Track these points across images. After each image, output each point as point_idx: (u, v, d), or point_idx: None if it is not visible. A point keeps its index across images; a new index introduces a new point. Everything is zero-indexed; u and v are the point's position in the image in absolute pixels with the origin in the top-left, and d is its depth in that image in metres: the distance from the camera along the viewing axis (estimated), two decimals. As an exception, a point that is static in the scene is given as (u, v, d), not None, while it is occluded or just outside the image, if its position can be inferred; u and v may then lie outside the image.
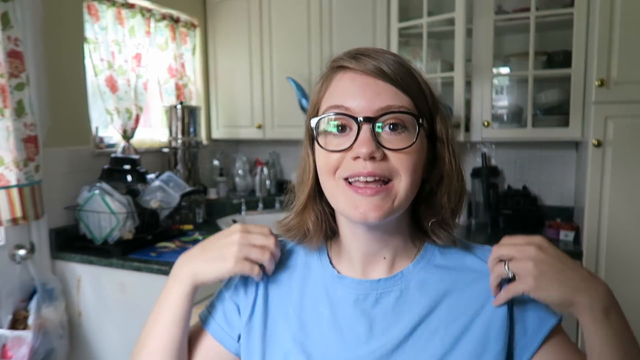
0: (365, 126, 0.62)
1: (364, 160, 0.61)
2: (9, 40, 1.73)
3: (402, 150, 0.62)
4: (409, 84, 0.64)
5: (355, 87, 0.64)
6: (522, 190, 2.43)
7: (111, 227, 1.98)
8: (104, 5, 2.22)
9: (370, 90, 0.63)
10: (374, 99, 0.62)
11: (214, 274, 0.70)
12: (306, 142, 0.72)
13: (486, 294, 0.67)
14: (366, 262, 0.71)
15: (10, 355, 1.73)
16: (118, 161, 2.15)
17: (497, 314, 0.66)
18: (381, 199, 0.62)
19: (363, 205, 0.62)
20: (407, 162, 0.63)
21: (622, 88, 1.80)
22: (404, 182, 0.63)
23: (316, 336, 0.70)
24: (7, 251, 1.86)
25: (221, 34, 2.83)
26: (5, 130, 1.74)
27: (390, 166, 0.62)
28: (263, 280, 0.75)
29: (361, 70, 0.64)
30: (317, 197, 0.72)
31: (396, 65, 0.64)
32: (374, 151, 0.61)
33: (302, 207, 0.72)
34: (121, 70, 2.29)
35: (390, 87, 0.63)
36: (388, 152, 0.62)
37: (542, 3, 2.13)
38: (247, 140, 3.07)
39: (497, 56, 2.29)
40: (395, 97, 0.63)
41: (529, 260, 0.62)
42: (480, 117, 2.25)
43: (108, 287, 1.91)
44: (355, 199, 0.63)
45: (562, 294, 0.60)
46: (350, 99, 0.63)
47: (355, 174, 0.62)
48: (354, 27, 2.47)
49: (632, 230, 1.80)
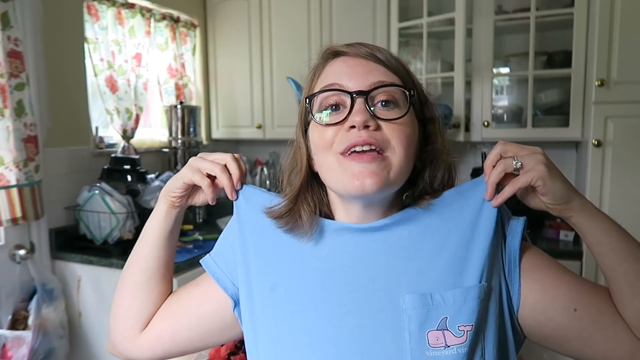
0: (359, 99, 0.64)
1: (358, 129, 0.63)
2: (9, 40, 1.73)
3: (394, 120, 0.64)
4: (399, 68, 0.69)
5: (348, 66, 0.67)
6: (522, 190, 2.43)
7: (111, 227, 1.98)
8: (104, 5, 2.22)
9: (363, 68, 0.67)
10: (366, 76, 0.66)
11: (175, 185, 0.76)
12: (299, 130, 0.74)
13: (476, 203, 0.68)
14: None
15: (10, 355, 1.73)
16: (118, 161, 2.15)
17: (488, 220, 0.67)
18: (377, 165, 0.63)
19: (360, 172, 0.62)
20: (400, 133, 0.64)
21: (622, 88, 1.80)
22: (398, 155, 0.64)
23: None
24: (7, 251, 1.86)
25: (221, 34, 2.83)
26: (5, 130, 1.74)
27: (384, 136, 0.64)
28: (243, 238, 0.75)
29: (354, 53, 0.68)
30: (311, 183, 0.73)
31: (387, 53, 0.69)
32: (368, 119, 0.63)
33: (295, 193, 0.72)
34: (121, 70, 2.29)
35: (381, 67, 0.67)
36: (382, 123, 0.64)
37: (542, 3, 2.13)
38: (247, 140, 3.07)
39: (497, 56, 2.29)
40: (387, 75, 0.67)
41: (537, 154, 0.63)
42: (480, 117, 2.25)
43: (108, 287, 1.92)
44: (352, 167, 0.63)
45: (565, 188, 0.63)
46: (344, 77, 0.66)
47: (352, 144, 0.63)
48: (354, 27, 2.47)
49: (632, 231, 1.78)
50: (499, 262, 0.67)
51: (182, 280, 1.85)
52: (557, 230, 2.11)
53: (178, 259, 1.92)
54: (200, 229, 2.44)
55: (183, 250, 2.04)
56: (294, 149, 0.76)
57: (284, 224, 0.71)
